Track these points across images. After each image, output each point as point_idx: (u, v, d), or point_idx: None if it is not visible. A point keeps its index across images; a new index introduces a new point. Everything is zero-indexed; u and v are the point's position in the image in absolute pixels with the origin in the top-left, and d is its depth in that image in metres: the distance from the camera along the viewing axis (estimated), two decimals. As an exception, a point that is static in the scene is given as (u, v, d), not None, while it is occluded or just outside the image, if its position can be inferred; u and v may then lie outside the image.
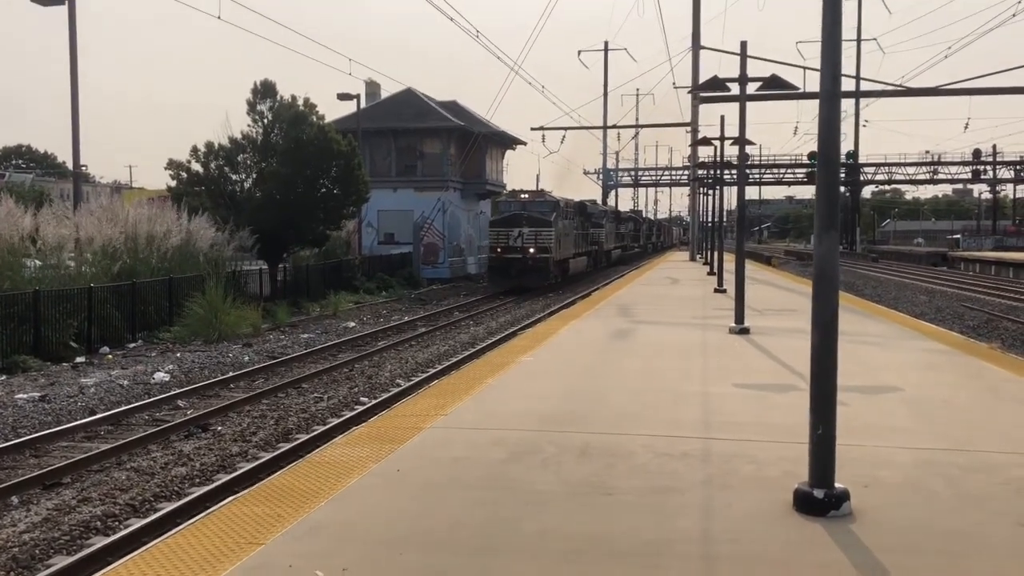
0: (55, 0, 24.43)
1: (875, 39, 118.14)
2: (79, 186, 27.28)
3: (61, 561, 6.75)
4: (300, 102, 28.42)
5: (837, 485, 5.14)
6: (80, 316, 17.81)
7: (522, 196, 35.48)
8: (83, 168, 43.71)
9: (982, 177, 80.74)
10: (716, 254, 26.23)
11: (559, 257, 34.78)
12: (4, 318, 16.07)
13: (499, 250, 33.36)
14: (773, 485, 5.63)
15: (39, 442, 10.44)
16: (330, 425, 11.22)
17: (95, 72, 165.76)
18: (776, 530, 4.90)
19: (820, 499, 5.08)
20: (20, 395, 13.12)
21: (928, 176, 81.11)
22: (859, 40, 69.36)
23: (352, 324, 23.28)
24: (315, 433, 10.81)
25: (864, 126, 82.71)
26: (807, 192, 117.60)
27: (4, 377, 14.81)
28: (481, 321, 23.12)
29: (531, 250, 32.85)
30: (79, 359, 16.67)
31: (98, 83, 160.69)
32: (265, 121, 28.29)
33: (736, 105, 14.94)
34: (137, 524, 7.49)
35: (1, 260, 18.28)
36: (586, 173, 74.14)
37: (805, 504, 5.13)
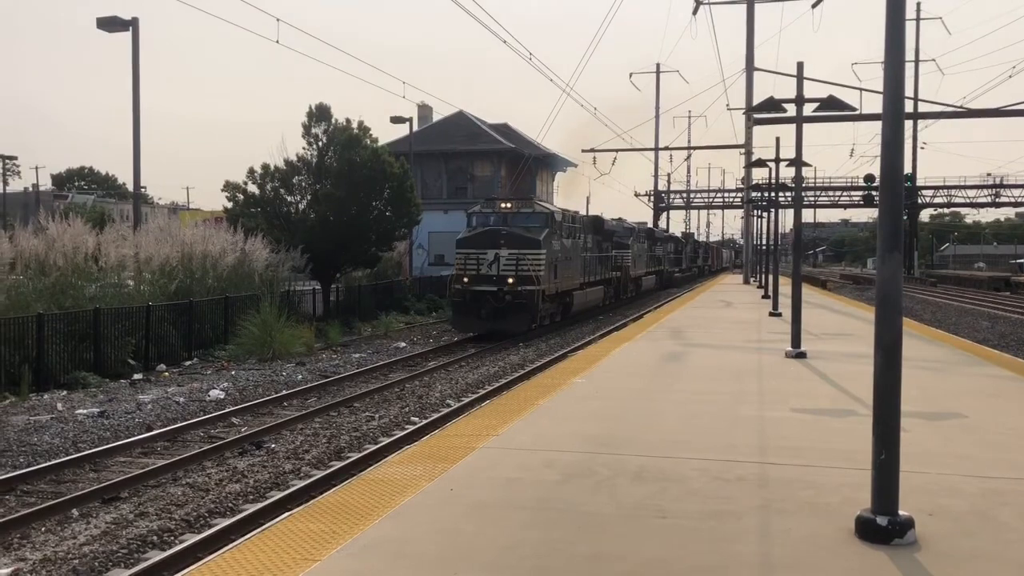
0: (119, 26, 25.14)
1: (934, 60, 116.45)
2: (139, 207, 27.94)
3: (119, 574, 6.84)
4: (354, 125, 28.81)
5: (901, 513, 5.00)
6: (138, 334, 18.16)
7: (502, 206, 25.15)
8: (143, 189, 44.81)
9: (1047, 200, 78.64)
10: (771, 277, 25.90)
11: (555, 288, 25.34)
12: (66, 335, 16.45)
13: (465, 280, 23.44)
14: (833, 511, 5.50)
15: (98, 457, 10.63)
16: (382, 444, 11.24)
17: (153, 95, 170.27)
18: (837, 558, 4.77)
19: (883, 527, 4.95)
20: (80, 410, 13.40)
21: (990, 199, 79.26)
22: (917, 61, 68.31)
23: (403, 344, 23.42)
24: (367, 452, 10.84)
25: (922, 148, 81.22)
26: (863, 215, 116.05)
27: (65, 393, 15.15)
28: (531, 343, 23.10)
29: (509, 280, 22.99)
30: (137, 376, 16.98)
31: (157, 106, 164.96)
32: (320, 143, 28.71)
33: (790, 127, 14.79)
34: (192, 539, 7.56)
35: (65, 279, 18.75)
36: (637, 195, 73.89)
37: (868, 531, 5.00)
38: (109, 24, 25.08)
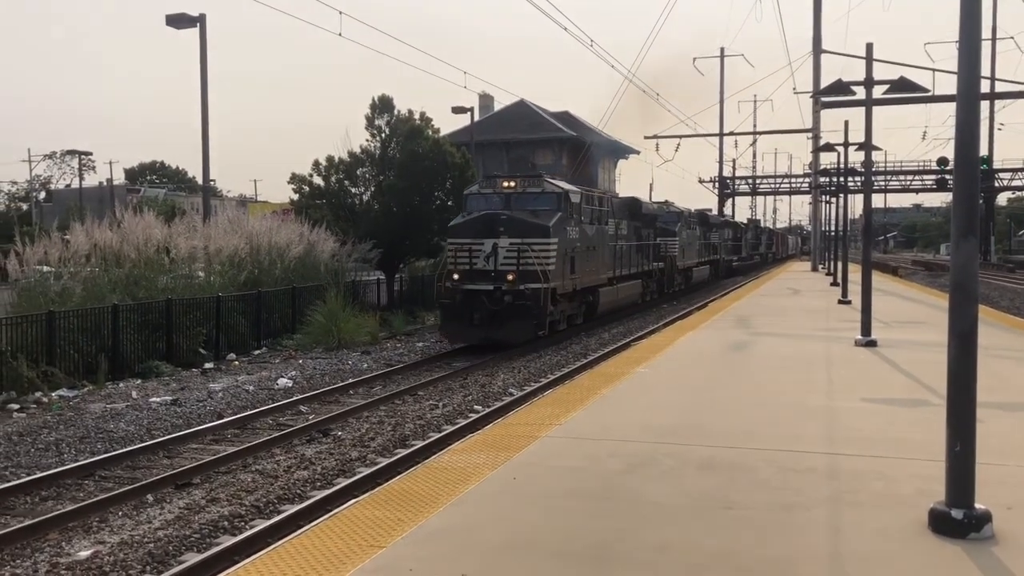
0: (187, 23, 25.67)
1: (1012, 37, 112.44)
2: (208, 200, 28.54)
3: (192, 558, 7.02)
4: (416, 116, 29.02)
5: (977, 506, 4.85)
6: (209, 324, 18.59)
7: (504, 185, 20.50)
8: (212, 182, 45.81)
9: None
10: (840, 264, 25.37)
11: (573, 285, 21.04)
12: (140, 326, 16.92)
13: (456, 276, 19.16)
14: (906, 503, 5.37)
15: (171, 444, 10.92)
16: (445, 432, 11.33)
17: (220, 88, 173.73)
18: (910, 551, 4.65)
19: (959, 520, 4.80)
20: (154, 399, 13.78)
21: (1071, 181, 76.27)
22: (994, 39, 65.96)
23: (466, 333, 23.52)
24: (431, 440, 10.94)
25: (999, 129, 78.67)
26: (936, 200, 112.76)
27: (139, 381, 15.59)
28: (593, 332, 23.00)
29: (509, 276, 18.73)
30: (208, 365, 17.39)
31: (223, 99, 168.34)
32: (383, 135, 29.00)
33: (860, 110, 14.43)
34: (262, 525, 7.72)
35: (138, 271, 19.27)
36: (701, 182, 72.91)
37: (942, 524, 4.86)
38: (177, 21, 25.63)
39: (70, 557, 7.13)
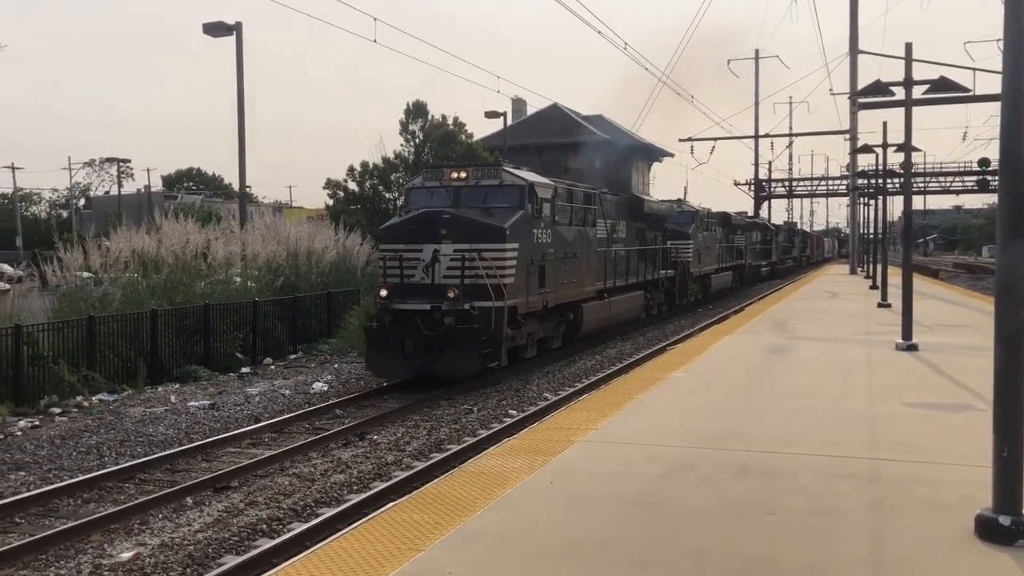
0: (224, 31, 25.99)
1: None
2: (244, 206, 28.85)
3: (231, 560, 7.07)
4: (450, 121, 29.16)
5: (1026, 512, 4.75)
6: (245, 328, 18.76)
7: (453, 176, 16.20)
8: (248, 189, 46.27)
9: None
10: (879, 266, 25.04)
11: (544, 301, 16.77)
12: (178, 330, 17.13)
13: (384, 293, 15.17)
14: (951, 510, 5.27)
15: (210, 447, 11.03)
16: (480, 436, 11.33)
17: (255, 95, 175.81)
18: (956, 559, 4.57)
19: (1007, 527, 4.71)
20: (192, 403, 13.93)
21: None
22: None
23: (500, 338, 23.52)
24: (466, 444, 10.94)
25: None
26: (977, 201, 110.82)
27: (177, 386, 15.77)
28: (628, 336, 22.90)
29: (450, 293, 14.64)
30: (244, 369, 17.55)
31: (258, 106, 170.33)
32: (416, 140, 29.18)
33: (898, 110, 14.24)
34: (300, 528, 7.76)
35: (175, 276, 19.51)
36: (737, 184, 72.30)
37: (989, 531, 4.76)
38: (214, 29, 25.96)
39: (112, 559, 7.22)
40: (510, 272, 15.15)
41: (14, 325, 13.66)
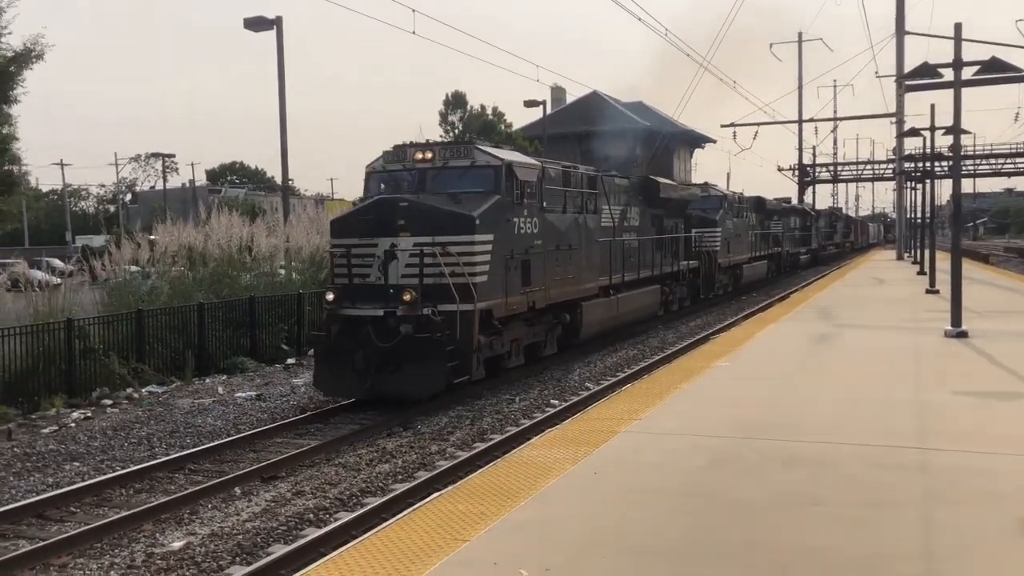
0: (265, 26, 26.20)
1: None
2: (287, 199, 29.10)
3: (280, 550, 7.16)
4: (489, 111, 29.16)
5: (1084, 504, 4.64)
6: (290, 320, 18.97)
7: (418, 157, 13.75)
8: (290, 182, 46.74)
9: None
10: (927, 252, 24.60)
11: (529, 301, 14.33)
12: (224, 323, 17.37)
13: (330, 298, 12.87)
14: (1007, 501, 5.17)
15: (257, 438, 11.17)
16: (523, 426, 11.33)
17: (298, 88, 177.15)
18: (1014, 551, 4.47)
19: (1064, 519, 4.59)
20: (239, 394, 14.13)
21: None
22: (1088, 15, 63.10)
23: (542, 327, 23.49)
24: (509, 434, 10.95)
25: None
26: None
27: (225, 377, 16.00)
28: (671, 324, 22.74)
29: (406, 296, 12.19)
30: (290, 360, 17.74)
31: (301, 99, 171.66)
32: (456, 130, 29.22)
33: (947, 92, 13.93)
34: (346, 517, 7.84)
35: (221, 269, 19.77)
36: (780, 170, 71.44)
37: (1045, 523, 4.65)
38: (255, 24, 26.16)
39: (164, 548, 7.36)
40: (481, 269, 12.75)
41: (66, 319, 13.95)
